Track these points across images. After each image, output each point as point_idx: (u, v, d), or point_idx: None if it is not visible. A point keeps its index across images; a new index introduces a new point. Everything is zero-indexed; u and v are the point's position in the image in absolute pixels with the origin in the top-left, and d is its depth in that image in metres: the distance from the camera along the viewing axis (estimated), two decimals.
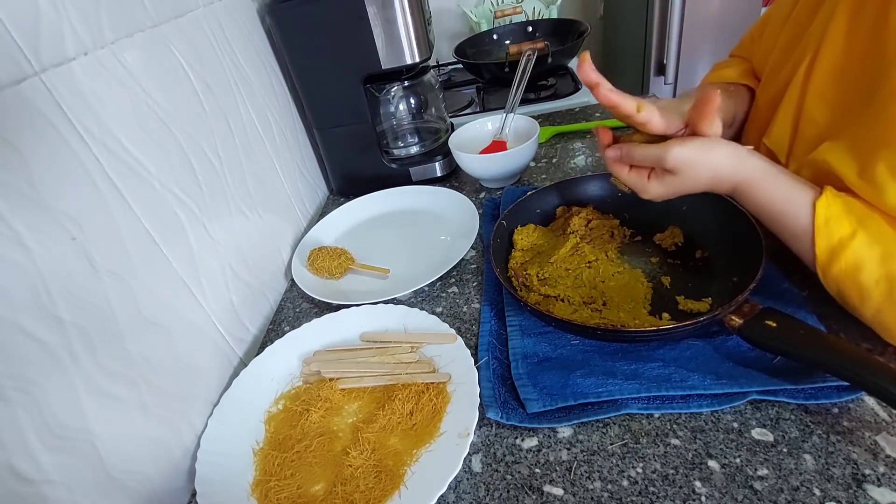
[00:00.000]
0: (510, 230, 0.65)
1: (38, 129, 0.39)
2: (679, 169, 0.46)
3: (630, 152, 0.49)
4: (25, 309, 0.36)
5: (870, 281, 0.42)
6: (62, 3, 0.42)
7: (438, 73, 1.44)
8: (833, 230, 0.43)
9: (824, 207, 0.43)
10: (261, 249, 0.70)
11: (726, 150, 0.46)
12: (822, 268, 0.44)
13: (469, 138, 0.87)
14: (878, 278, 0.41)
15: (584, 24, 1.21)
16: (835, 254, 0.43)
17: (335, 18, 0.75)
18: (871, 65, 0.44)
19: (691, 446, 0.42)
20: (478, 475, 0.44)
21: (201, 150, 0.59)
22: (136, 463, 0.44)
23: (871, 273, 0.42)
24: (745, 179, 0.46)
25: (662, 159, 0.46)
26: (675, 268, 0.58)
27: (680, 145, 0.46)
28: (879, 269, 0.41)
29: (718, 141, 0.46)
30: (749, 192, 0.47)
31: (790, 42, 0.55)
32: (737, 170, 0.46)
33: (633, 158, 0.49)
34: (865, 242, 0.42)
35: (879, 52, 0.43)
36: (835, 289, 0.45)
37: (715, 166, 0.46)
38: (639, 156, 0.49)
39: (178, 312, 0.51)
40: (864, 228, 0.42)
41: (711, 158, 0.46)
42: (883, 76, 0.42)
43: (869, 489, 0.36)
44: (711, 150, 0.46)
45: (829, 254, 0.43)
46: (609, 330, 0.49)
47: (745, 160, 0.46)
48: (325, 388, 0.53)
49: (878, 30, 0.44)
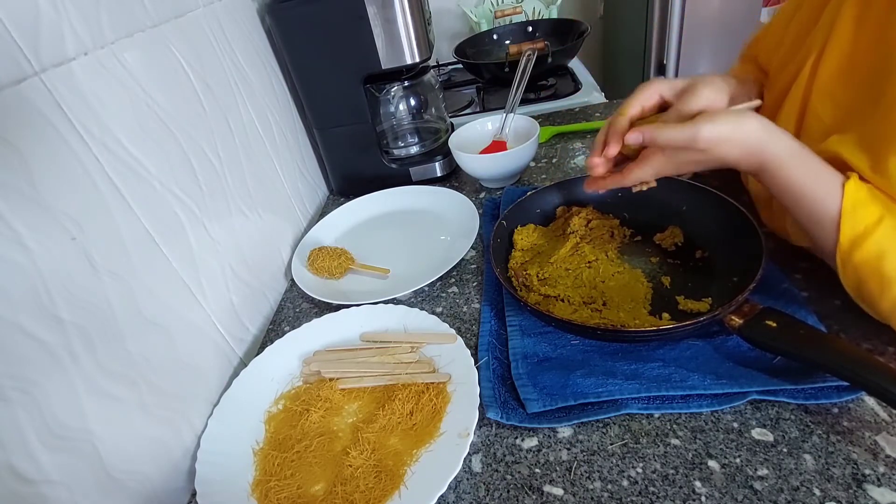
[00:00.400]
0: (510, 230, 0.65)
1: (38, 129, 0.39)
2: (710, 147, 0.44)
3: (655, 135, 0.47)
4: (25, 309, 0.36)
5: (892, 271, 0.41)
6: (62, 3, 0.42)
7: (438, 73, 1.44)
8: (859, 216, 0.42)
9: (853, 191, 0.42)
10: (261, 249, 0.70)
11: (758, 124, 0.44)
12: (843, 255, 0.43)
13: (469, 138, 0.87)
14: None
15: (584, 24, 1.21)
16: (858, 241, 0.42)
17: (335, 18, 0.75)
18: (878, 64, 0.44)
19: (691, 446, 0.42)
20: (478, 475, 0.44)
21: (201, 150, 0.59)
22: (136, 463, 0.44)
23: (895, 262, 0.40)
24: (773, 158, 0.44)
25: (695, 140, 0.44)
26: (675, 268, 0.58)
27: (711, 122, 0.44)
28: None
29: (748, 114, 0.45)
30: (776, 171, 0.45)
31: (796, 40, 0.55)
32: (766, 146, 0.44)
33: (658, 140, 0.47)
34: (891, 229, 0.41)
35: (886, 51, 0.43)
36: (853, 279, 0.44)
37: (745, 141, 0.44)
38: (665, 137, 0.46)
39: (178, 312, 0.51)
40: (892, 215, 0.41)
41: (743, 132, 0.44)
42: (890, 75, 0.42)
43: (869, 489, 0.36)
44: (743, 124, 0.44)
45: (852, 241, 0.42)
46: (609, 330, 0.49)
47: (776, 138, 0.44)
48: (325, 388, 0.53)
49: (884, 29, 0.43)
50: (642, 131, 0.48)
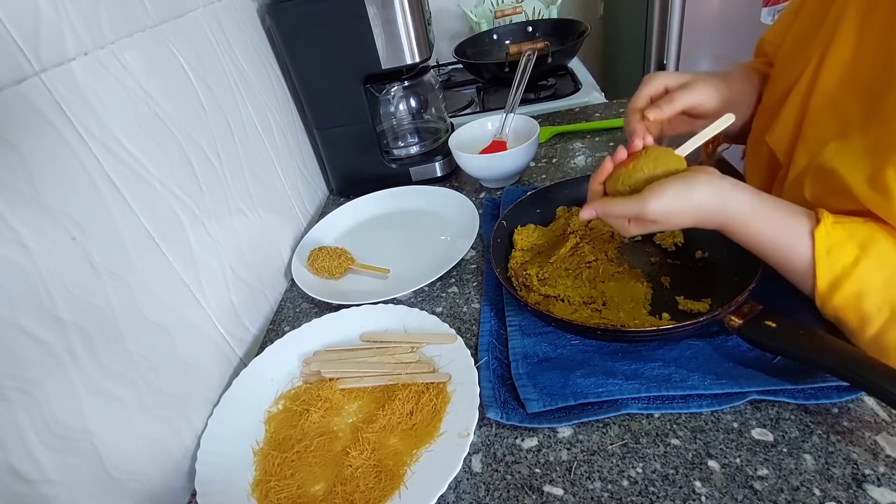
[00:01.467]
0: (510, 230, 0.65)
1: (38, 129, 0.39)
2: (659, 220, 0.45)
3: (607, 210, 0.48)
4: (25, 309, 0.36)
5: (872, 308, 0.41)
6: (62, 3, 0.42)
7: (438, 73, 1.44)
8: (836, 259, 0.41)
9: (824, 236, 0.42)
10: (261, 249, 0.70)
11: (708, 190, 0.44)
12: (821, 297, 0.43)
13: (469, 138, 0.87)
14: (880, 304, 0.40)
15: (584, 24, 1.21)
16: (837, 283, 0.41)
17: (335, 18, 0.75)
18: (879, 73, 0.43)
19: (691, 446, 0.42)
20: (478, 475, 0.44)
21: (201, 150, 0.59)
22: (136, 463, 0.44)
23: (874, 300, 0.40)
24: (733, 217, 0.44)
25: (642, 214, 0.45)
26: (675, 268, 0.58)
27: (656, 197, 0.44)
28: (882, 295, 0.40)
29: (698, 179, 0.44)
30: (740, 228, 0.45)
31: (800, 40, 0.54)
32: (723, 208, 0.44)
33: (611, 216, 0.48)
34: (869, 268, 0.40)
35: (889, 59, 0.42)
36: (832, 316, 0.44)
37: (697, 209, 0.44)
38: (616, 212, 0.47)
39: (178, 312, 0.51)
40: (867, 254, 0.41)
41: (692, 202, 0.44)
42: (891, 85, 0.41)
43: (869, 489, 0.36)
44: (691, 194, 0.44)
45: (830, 284, 0.42)
46: (609, 330, 0.49)
47: (730, 198, 0.44)
48: (325, 388, 0.53)
49: (888, 37, 0.43)
50: (595, 207, 0.49)
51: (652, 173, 0.47)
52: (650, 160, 0.47)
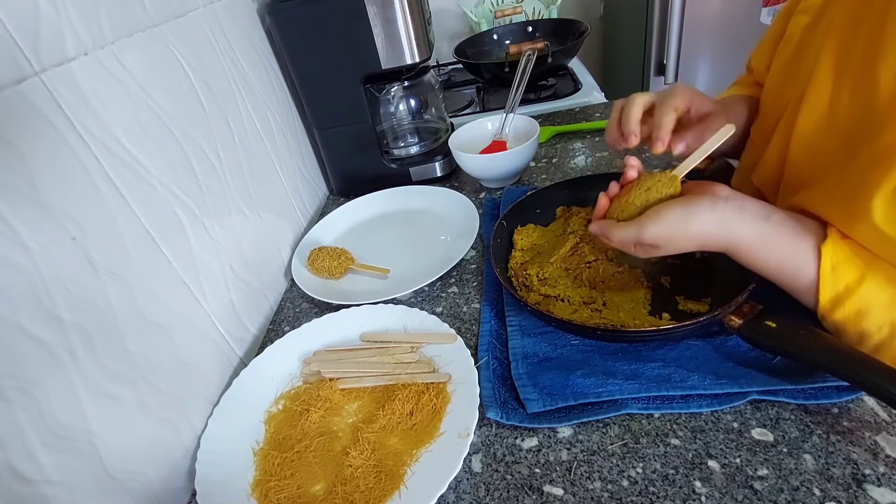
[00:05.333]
0: (510, 230, 0.65)
1: (38, 129, 0.39)
2: (659, 244, 0.45)
3: (608, 232, 0.48)
4: (25, 309, 0.36)
5: (872, 327, 0.41)
6: (62, 3, 0.42)
7: (438, 73, 1.44)
8: (840, 276, 0.41)
9: (831, 252, 0.41)
10: (261, 249, 0.70)
11: (709, 219, 0.43)
12: (823, 313, 0.43)
13: (469, 138, 0.87)
14: (881, 324, 0.40)
15: (584, 24, 1.21)
16: (839, 300, 0.41)
17: (335, 18, 0.75)
18: (857, 119, 0.43)
19: (691, 446, 0.42)
20: (478, 475, 0.44)
21: (201, 150, 0.59)
22: (136, 463, 0.44)
23: (876, 319, 0.40)
24: (739, 242, 0.43)
25: (639, 238, 0.45)
26: (675, 268, 0.58)
27: (655, 224, 0.44)
28: (885, 315, 0.40)
29: (700, 206, 0.43)
30: (747, 253, 0.44)
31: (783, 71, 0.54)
32: (728, 234, 0.43)
33: (612, 239, 0.48)
34: (874, 287, 0.40)
35: (865, 106, 0.41)
36: (832, 330, 0.44)
37: (696, 236, 0.44)
38: (617, 237, 0.47)
39: (178, 312, 0.51)
40: (873, 273, 0.40)
41: (691, 230, 0.43)
42: (870, 133, 0.40)
43: (869, 489, 0.36)
44: (690, 223, 0.43)
45: (832, 301, 0.41)
46: (609, 330, 0.49)
47: (731, 227, 0.43)
48: (325, 388, 0.53)
49: (864, 84, 0.42)
50: (601, 226, 0.50)
51: (644, 204, 0.47)
52: (641, 191, 0.48)
